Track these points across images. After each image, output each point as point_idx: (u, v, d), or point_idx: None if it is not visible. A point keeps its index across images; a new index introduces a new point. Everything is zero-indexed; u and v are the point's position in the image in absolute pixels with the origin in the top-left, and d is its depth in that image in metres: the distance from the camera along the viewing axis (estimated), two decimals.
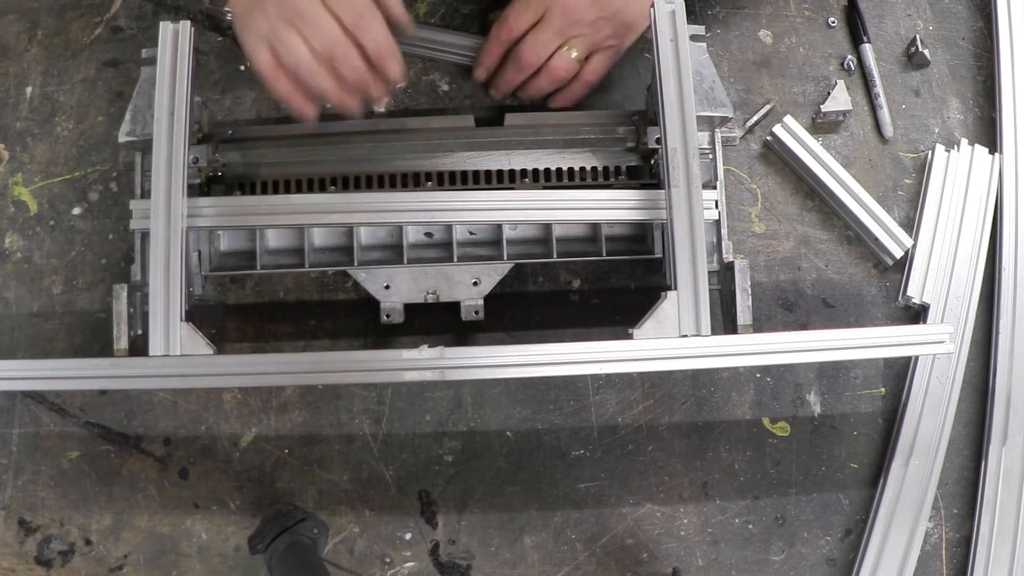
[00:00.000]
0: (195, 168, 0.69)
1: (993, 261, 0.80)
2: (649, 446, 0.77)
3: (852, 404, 0.79)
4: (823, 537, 0.76)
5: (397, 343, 0.78)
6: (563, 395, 0.78)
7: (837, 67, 0.85)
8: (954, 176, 0.81)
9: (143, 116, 0.68)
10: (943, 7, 0.87)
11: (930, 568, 0.76)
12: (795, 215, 0.82)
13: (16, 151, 0.81)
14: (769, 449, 0.78)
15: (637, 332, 0.63)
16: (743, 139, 0.83)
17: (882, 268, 0.81)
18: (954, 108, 0.85)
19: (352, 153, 0.73)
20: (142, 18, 0.83)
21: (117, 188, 0.80)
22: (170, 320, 0.62)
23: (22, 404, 0.77)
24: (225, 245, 0.74)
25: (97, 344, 0.77)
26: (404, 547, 0.75)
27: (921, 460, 0.75)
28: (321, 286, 0.79)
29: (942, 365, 0.77)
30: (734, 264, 0.67)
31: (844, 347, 0.63)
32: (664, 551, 0.76)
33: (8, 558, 0.74)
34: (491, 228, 0.74)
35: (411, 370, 0.60)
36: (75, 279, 0.79)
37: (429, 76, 0.83)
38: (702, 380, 0.78)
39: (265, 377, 0.63)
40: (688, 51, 0.67)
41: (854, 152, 0.83)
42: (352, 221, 0.69)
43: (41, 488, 0.76)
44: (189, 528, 0.75)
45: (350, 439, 0.77)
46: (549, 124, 0.74)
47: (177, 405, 0.77)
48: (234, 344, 0.78)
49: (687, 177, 0.65)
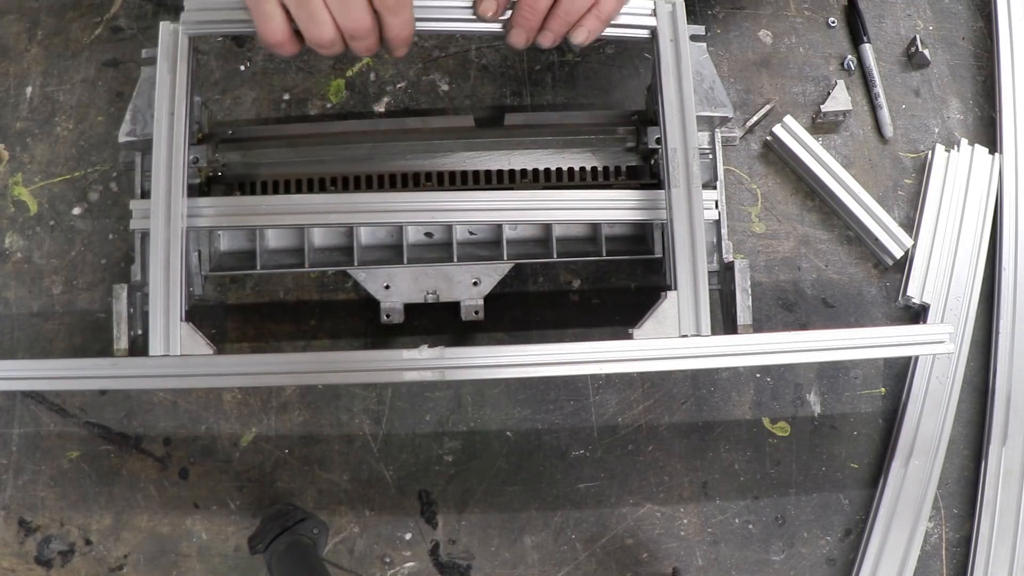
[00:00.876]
0: (195, 168, 0.69)
1: (993, 261, 0.80)
2: (649, 446, 0.77)
3: (852, 404, 0.79)
4: (823, 537, 0.76)
5: (397, 343, 0.78)
6: (563, 395, 0.78)
7: (837, 67, 0.85)
8: (954, 176, 0.81)
9: (143, 116, 0.68)
10: (943, 7, 0.87)
11: (930, 568, 0.76)
12: (795, 215, 0.82)
13: (16, 151, 0.81)
14: (769, 449, 0.78)
15: (637, 332, 0.63)
16: (743, 139, 0.83)
17: (882, 268, 0.81)
18: (954, 108, 0.85)
19: (352, 153, 0.73)
20: (142, 18, 0.83)
21: (117, 188, 0.80)
22: (170, 320, 0.62)
23: (22, 404, 0.77)
24: (225, 245, 0.74)
25: (97, 344, 0.77)
26: (404, 547, 0.75)
27: (921, 460, 0.75)
28: (321, 286, 0.79)
29: (942, 365, 0.77)
30: (734, 264, 0.67)
31: (844, 347, 0.62)
32: (664, 551, 0.76)
33: (8, 558, 0.74)
34: (491, 228, 0.74)
35: (411, 370, 0.60)
36: (75, 279, 0.79)
37: (429, 76, 0.83)
38: (702, 380, 0.78)
39: (265, 377, 0.63)
40: (688, 51, 0.67)
41: (854, 152, 0.83)
42: (352, 221, 0.69)
43: (41, 488, 0.76)
44: (189, 528, 0.75)
45: (350, 439, 0.77)
46: (549, 124, 0.74)
47: (177, 405, 0.77)
48: (234, 344, 0.78)
49: (687, 177, 0.65)
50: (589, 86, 0.83)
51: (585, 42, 0.66)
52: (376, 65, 0.83)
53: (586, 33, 0.65)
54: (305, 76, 0.83)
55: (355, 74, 0.83)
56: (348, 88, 0.83)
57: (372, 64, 0.83)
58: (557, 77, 0.83)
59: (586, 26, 0.65)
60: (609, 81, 0.82)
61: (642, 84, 0.80)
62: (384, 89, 0.83)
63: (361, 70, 0.83)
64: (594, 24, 0.66)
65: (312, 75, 0.83)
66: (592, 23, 0.66)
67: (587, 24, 0.65)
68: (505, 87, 0.83)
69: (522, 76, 0.83)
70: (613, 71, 0.79)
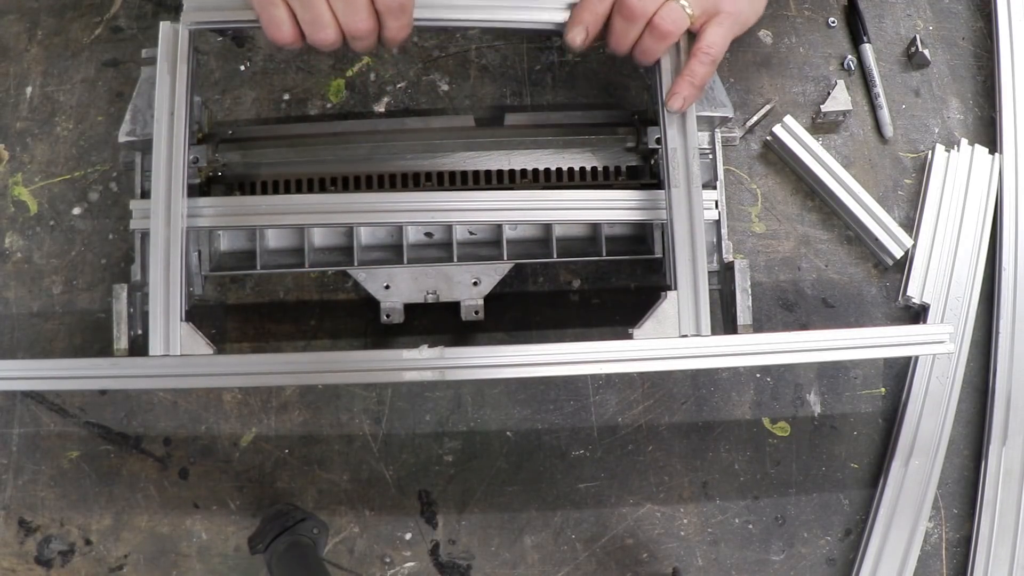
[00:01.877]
0: (195, 168, 0.69)
1: (993, 261, 0.80)
2: (649, 446, 0.77)
3: (852, 404, 0.79)
4: (823, 537, 0.76)
5: (397, 343, 0.78)
6: (563, 395, 0.78)
7: (837, 67, 0.85)
8: (954, 176, 0.81)
9: (143, 116, 0.68)
10: (943, 7, 0.87)
11: (930, 568, 0.76)
12: (795, 215, 0.82)
13: (16, 151, 0.81)
14: (769, 449, 0.78)
15: (637, 332, 0.63)
16: (743, 139, 0.83)
17: (882, 268, 0.81)
18: (954, 108, 0.85)
19: (352, 153, 0.73)
20: (142, 18, 0.83)
21: (117, 188, 0.80)
22: (170, 320, 0.62)
23: (22, 404, 0.77)
24: (225, 245, 0.74)
25: (97, 344, 0.77)
26: (404, 547, 0.75)
27: (921, 460, 0.75)
28: (321, 286, 0.79)
29: (942, 365, 0.77)
30: (734, 264, 0.67)
31: (844, 347, 0.63)
32: (664, 551, 0.76)
33: (8, 558, 0.74)
34: (491, 228, 0.74)
35: (411, 370, 0.60)
36: (75, 279, 0.79)
37: (429, 76, 0.83)
38: (702, 380, 0.78)
39: (265, 377, 0.63)
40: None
41: (854, 152, 0.83)
42: (352, 221, 0.69)
43: (41, 488, 0.76)
44: (189, 528, 0.75)
45: (350, 439, 0.77)
46: (549, 124, 0.74)
47: (177, 405, 0.77)
48: (234, 344, 0.78)
49: (687, 177, 0.65)
50: (589, 86, 0.83)
51: (681, 108, 0.66)
52: (376, 65, 0.83)
53: (681, 100, 0.66)
54: (305, 76, 0.83)
55: (355, 74, 0.83)
56: (348, 88, 0.83)
57: (372, 64, 0.83)
58: (557, 77, 0.83)
59: (680, 93, 0.65)
60: (609, 81, 0.82)
61: (642, 84, 0.80)
62: (384, 89, 0.83)
63: (361, 70, 0.83)
64: (698, 69, 0.65)
65: (312, 75, 0.83)
66: (697, 67, 0.65)
67: (690, 73, 0.65)
68: (505, 87, 0.83)
69: (522, 76, 0.83)
70: (613, 71, 0.79)
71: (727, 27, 0.65)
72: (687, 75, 0.65)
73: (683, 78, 0.65)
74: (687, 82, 0.65)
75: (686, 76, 0.65)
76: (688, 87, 0.65)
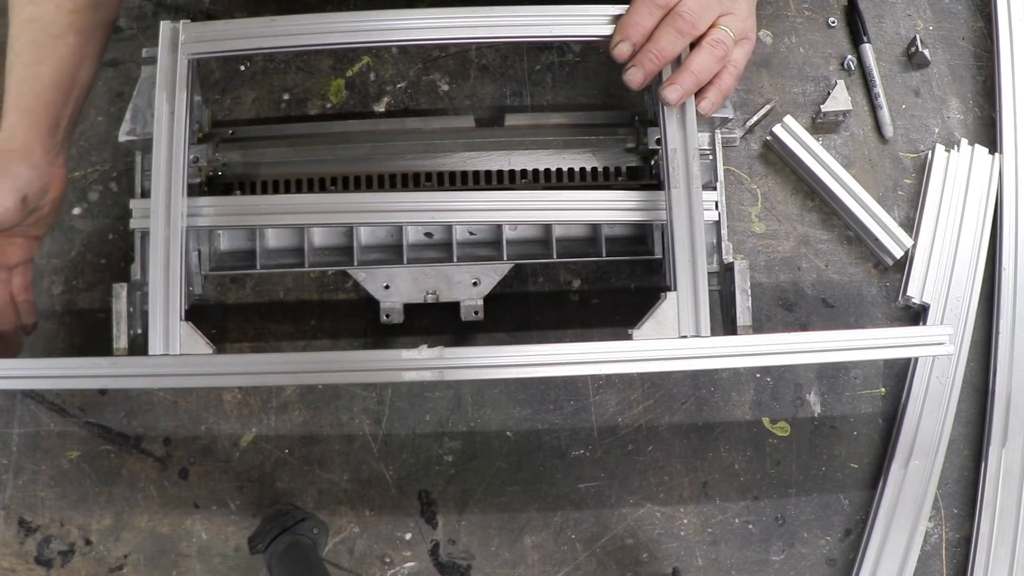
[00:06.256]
0: (195, 168, 0.69)
1: (993, 261, 0.80)
2: (649, 446, 0.77)
3: (852, 404, 0.79)
4: (823, 537, 0.76)
5: (397, 343, 0.78)
6: (563, 395, 0.78)
7: (837, 67, 0.85)
8: (954, 176, 0.81)
9: (143, 116, 0.68)
10: (943, 7, 0.87)
11: (930, 568, 0.76)
12: (795, 215, 0.82)
13: None
14: (769, 449, 0.78)
15: (637, 332, 0.63)
16: (743, 139, 0.83)
17: (882, 268, 0.81)
18: (954, 108, 0.85)
19: (352, 153, 0.73)
20: (142, 18, 0.83)
21: (117, 188, 0.80)
22: (170, 319, 0.62)
23: (22, 404, 0.77)
24: (225, 245, 0.74)
25: (97, 344, 0.77)
26: (404, 547, 0.75)
27: (921, 460, 0.75)
28: (321, 286, 0.79)
29: (942, 365, 0.77)
30: (734, 265, 0.67)
31: (844, 348, 0.62)
32: (664, 551, 0.76)
33: (8, 558, 0.74)
34: (491, 228, 0.74)
35: (411, 370, 0.60)
36: (75, 279, 0.79)
37: (429, 76, 0.83)
38: (702, 380, 0.78)
39: (265, 377, 0.62)
40: None
41: (854, 152, 0.83)
42: (352, 221, 0.69)
43: (41, 488, 0.76)
44: (189, 528, 0.75)
45: (350, 439, 0.77)
46: (549, 124, 0.74)
47: (177, 405, 0.77)
48: (234, 344, 0.78)
49: (687, 178, 0.65)
50: (589, 86, 0.83)
51: (707, 113, 0.66)
52: (376, 65, 0.83)
53: (710, 104, 0.66)
54: (305, 76, 0.83)
55: (355, 74, 0.83)
56: (348, 88, 0.83)
57: (372, 64, 0.83)
58: (557, 77, 0.83)
59: (710, 98, 0.66)
60: (609, 81, 0.81)
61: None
62: (384, 89, 0.83)
63: (361, 70, 0.83)
64: (729, 82, 0.66)
65: (312, 75, 0.83)
66: (728, 80, 0.66)
67: (710, 96, 0.66)
68: (505, 87, 0.83)
69: (522, 76, 0.83)
70: (613, 71, 0.79)
71: (747, 50, 0.68)
72: (718, 86, 0.66)
73: (715, 87, 0.66)
74: (716, 92, 0.66)
75: (718, 87, 0.66)
76: (716, 97, 0.66)
